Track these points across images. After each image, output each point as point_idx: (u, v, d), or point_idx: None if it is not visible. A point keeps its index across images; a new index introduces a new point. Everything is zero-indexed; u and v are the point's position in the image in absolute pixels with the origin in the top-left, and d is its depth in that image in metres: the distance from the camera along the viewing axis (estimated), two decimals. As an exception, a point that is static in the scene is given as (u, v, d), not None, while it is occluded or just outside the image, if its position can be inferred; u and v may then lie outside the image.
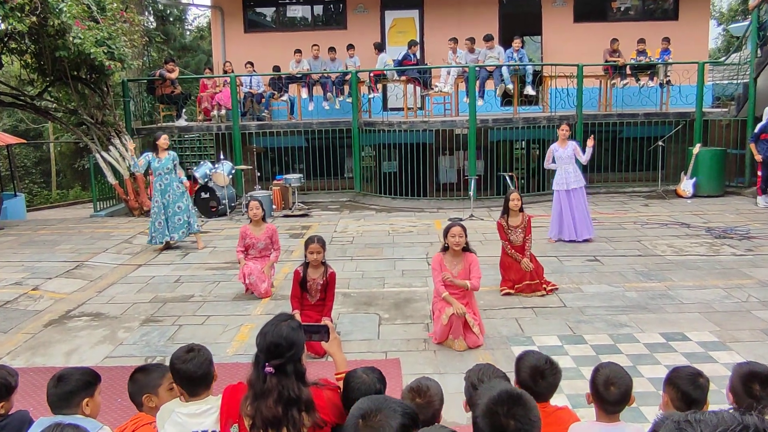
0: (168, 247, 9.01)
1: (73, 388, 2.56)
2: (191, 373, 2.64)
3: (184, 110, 13.90)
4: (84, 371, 2.66)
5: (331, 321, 5.58)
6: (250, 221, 6.98)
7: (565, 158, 8.66)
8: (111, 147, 11.83)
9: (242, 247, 6.97)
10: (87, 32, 10.60)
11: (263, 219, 6.98)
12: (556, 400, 2.88)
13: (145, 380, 2.75)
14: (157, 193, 8.88)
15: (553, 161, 8.80)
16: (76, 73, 11.64)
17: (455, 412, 3.82)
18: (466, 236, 5.43)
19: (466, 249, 5.50)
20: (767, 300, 6.32)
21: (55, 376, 2.63)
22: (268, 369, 2.40)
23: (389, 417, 1.81)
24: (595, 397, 2.68)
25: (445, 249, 5.52)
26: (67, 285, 7.54)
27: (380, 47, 13.39)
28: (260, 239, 6.92)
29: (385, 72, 13.05)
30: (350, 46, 13.39)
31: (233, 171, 11.90)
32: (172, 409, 2.65)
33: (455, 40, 12.83)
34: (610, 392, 2.62)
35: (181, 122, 13.64)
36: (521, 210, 6.85)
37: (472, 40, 12.95)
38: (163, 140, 8.85)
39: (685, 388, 2.64)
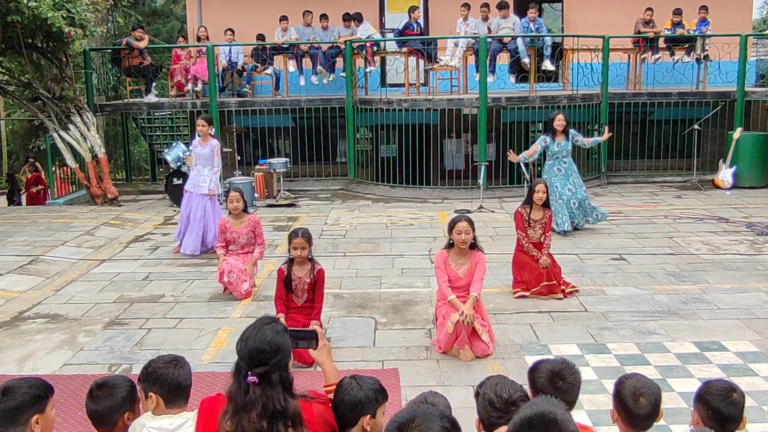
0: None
1: (20, 403, 2.53)
2: (179, 382, 2.77)
3: (153, 84, 13.85)
4: (33, 383, 2.63)
5: (321, 325, 5.59)
6: (230, 213, 7.00)
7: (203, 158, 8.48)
8: (70, 125, 11.79)
9: (223, 243, 6.99)
10: (43, -7, 10.53)
11: (244, 210, 7.00)
12: (576, 416, 2.90)
13: (119, 395, 2.75)
14: (555, 178, 8.97)
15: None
16: (30, 40, 11.57)
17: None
18: (473, 231, 5.44)
19: (474, 246, 5.51)
20: (815, 305, 6.35)
21: None
22: (251, 378, 2.40)
23: (427, 421, 1.94)
24: (622, 413, 2.70)
25: (450, 245, 5.53)
26: (21, 282, 7.53)
27: (359, 16, 13.19)
28: (242, 233, 6.94)
29: (378, 41, 12.99)
30: (347, 17, 13.30)
31: (210, 154, 11.86)
32: (143, 423, 2.71)
33: (468, 6, 12.80)
34: (640, 404, 2.64)
35: (151, 98, 13.59)
36: (545, 205, 6.85)
37: (487, 6, 12.92)
38: (560, 120, 8.90)
39: (716, 405, 2.68)
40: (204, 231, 8.45)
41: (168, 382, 2.75)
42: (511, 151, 9.34)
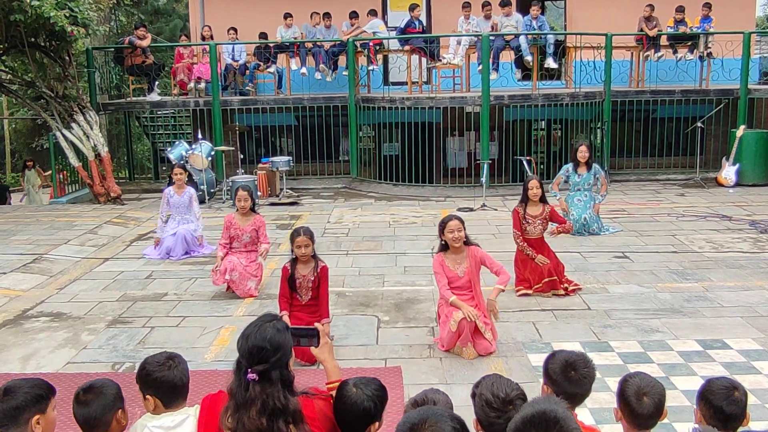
0: None
1: (21, 403, 2.51)
2: (174, 383, 2.73)
3: (156, 83, 13.86)
4: (35, 383, 2.62)
5: (329, 322, 5.57)
6: (237, 211, 7.01)
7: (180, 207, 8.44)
8: (73, 124, 11.81)
9: (226, 240, 6.96)
10: (46, -8, 10.54)
11: (252, 209, 7.02)
12: (578, 414, 2.90)
13: (110, 392, 2.73)
14: (574, 208, 8.87)
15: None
16: (33, 39, 11.59)
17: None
18: (465, 229, 5.44)
19: (467, 243, 5.50)
20: (818, 303, 6.34)
21: (0, 388, 2.62)
22: (251, 376, 2.41)
23: (439, 422, 2.00)
24: (625, 411, 2.71)
25: (444, 248, 5.52)
26: (24, 281, 7.54)
27: (373, 12, 13.30)
28: (246, 231, 6.94)
29: (380, 40, 12.99)
30: (353, 14, 13.29)
31: (213, 152, 11.88)
32: (144, 424, 2.70)
33: (468, 5, 12.80)
34: (643, 403, 2.64)
35: (154, 97, 13.60)
36: (542, 200, 6.84)
37: (489, 4, 12.91)
38: (582, 152, 8.74)
39: (718, 404, 2.69)
40: (175, 243, 8.32)
41: (162, 384, 2.71)
42: (561, 199, 8.98)
